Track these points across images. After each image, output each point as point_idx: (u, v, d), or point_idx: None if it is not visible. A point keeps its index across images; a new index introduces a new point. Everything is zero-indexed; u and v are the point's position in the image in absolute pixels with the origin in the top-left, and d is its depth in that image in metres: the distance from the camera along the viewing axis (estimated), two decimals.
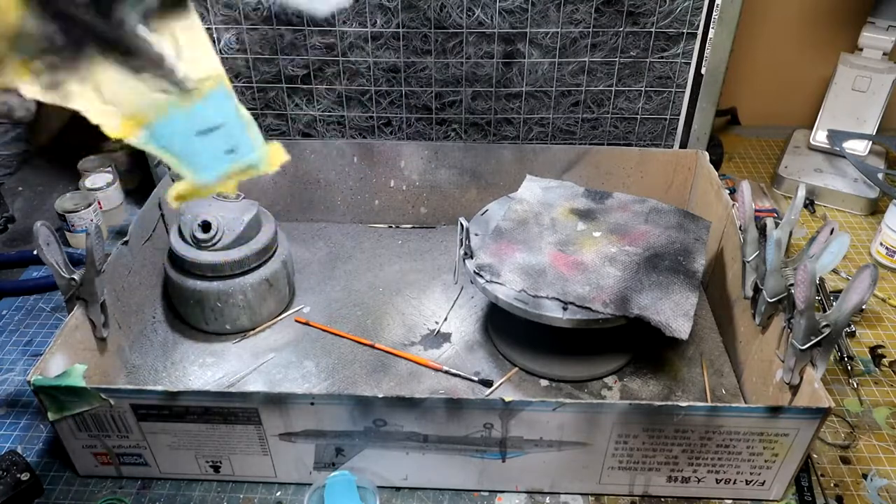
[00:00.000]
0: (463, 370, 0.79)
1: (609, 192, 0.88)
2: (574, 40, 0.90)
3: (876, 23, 1.08)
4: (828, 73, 1.14)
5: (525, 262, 0.76)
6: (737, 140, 1.26)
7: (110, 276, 0.74)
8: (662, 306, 0.70)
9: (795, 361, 0.63)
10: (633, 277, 0.74)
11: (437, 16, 0.88)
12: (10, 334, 0.86)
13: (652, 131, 0.98)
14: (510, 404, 0.60)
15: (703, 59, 0.91)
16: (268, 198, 0.99)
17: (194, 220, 0.79)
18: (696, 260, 0.77)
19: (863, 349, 0.84)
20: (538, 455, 0.65)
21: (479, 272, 0.74)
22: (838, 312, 0.60)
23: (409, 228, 1.02)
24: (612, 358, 0.80)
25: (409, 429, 0.63)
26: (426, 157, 0.97)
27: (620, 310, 0.70)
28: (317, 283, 0.92)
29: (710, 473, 0.66)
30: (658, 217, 0.83)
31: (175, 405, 0.63)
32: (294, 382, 0.78)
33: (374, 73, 0.93)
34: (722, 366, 0.80)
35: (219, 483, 0.69)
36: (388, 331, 0.85)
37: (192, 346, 0.82)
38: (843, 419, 0.76)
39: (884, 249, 0.96)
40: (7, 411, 0.76)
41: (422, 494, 0.68)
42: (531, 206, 0.84)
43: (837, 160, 1.12)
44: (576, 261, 0.76)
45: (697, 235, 0.80)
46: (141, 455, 0.67)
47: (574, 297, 0.71)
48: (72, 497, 0.68)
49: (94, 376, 0.70)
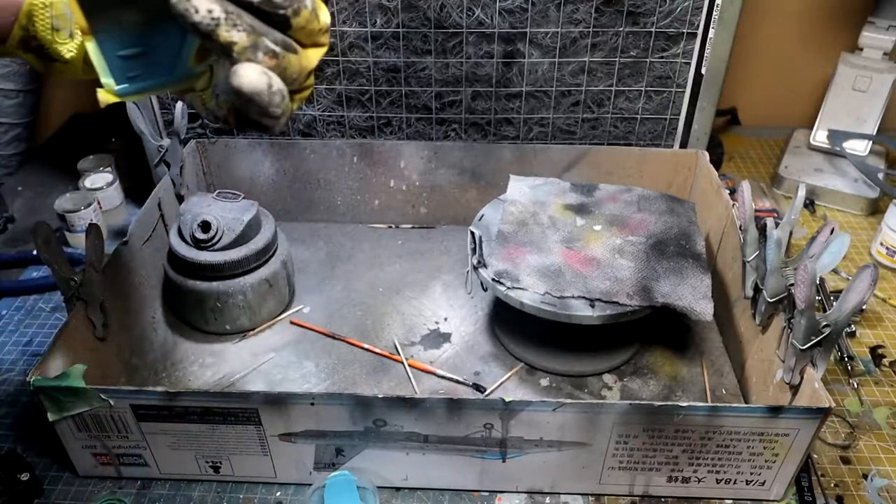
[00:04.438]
0: (463, 370, 0.79)
1: (594, 184, 0.89)
2: (574, 40, 0.90)
3: (876, 23, 1.08)
4: (828, 73, 1.14)
5: (539, 264, 0.76)
6: (737, 140, 1.26)
7: (110, 276, 0.74)
8: (682, 291, 0.72)
9: (795, 361, 0.63)
10: (646, 266, 0.75)
11: (437, 16, 0.88)
12: (10, 334, 0.86)
13: (652, 131, 0.98)
14: (510, 404, 0.60)
15: (703, 59, 0.90)
16: (268, 198, 0.99)
17: (194, 220, 0.79)
18: (696, 242, 0.78)
19: (863, 349, 0.84)
20: (538, 455, 0.65)
21: (499, 279, 0.74)
22: (838, 312, 0.60)
23: (409, 228, 1.02)
24: (623, 349, 0.80)
25: (409, 429, 0.63)
26: (426, 157, 0.97)
27: (646, 300, 0.71)
28: (317, 283, 0.92)
29: (711, 473, 0.66)
30: (648, 204, 0.85)
31: (175, 405, 0.63)
32: (294, 383, 0.78)
33: (374, 73, 0.93)
34: (722, 366, 0.80)
35: (219, 483, 0.69)
36: (388, 331, 0.85)
37: (192, 347, 0.82)
38: (844, 419, 0.76)
39: (884, 249, 0.96)
40: (7, 411, 0.76)
41: (422, 494, 0.68)
42: (525, 207, 0.84)
43: (837, 160, 1.12)
44: (587, 256, 0.76)
45: (689, 218, 0.83)
46: (141, 455, 0.67)
47: (599, 293, 0.72)
48: (71, 497, 0.68)
49: (94, 377, 0.70)
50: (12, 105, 1.15)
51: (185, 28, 0.38)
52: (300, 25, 0.41)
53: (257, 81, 0.39)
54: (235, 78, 0.39)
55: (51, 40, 0.44)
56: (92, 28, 0.41)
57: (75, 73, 0.46)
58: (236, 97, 0.39)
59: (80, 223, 0.97)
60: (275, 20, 0.40)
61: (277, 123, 0.41)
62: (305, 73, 0.43)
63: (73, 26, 0.43)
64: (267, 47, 0.39)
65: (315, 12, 0.41)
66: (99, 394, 0.62)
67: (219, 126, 0.98)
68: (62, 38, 0.44)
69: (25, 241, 1.01)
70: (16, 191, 1.13)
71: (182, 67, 0.45)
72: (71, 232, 0.98)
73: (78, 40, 0.44)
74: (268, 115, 0.40)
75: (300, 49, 0.42)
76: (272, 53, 0.40)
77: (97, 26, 0.41)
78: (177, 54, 0.44)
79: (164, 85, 0.45)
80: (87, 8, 0.40)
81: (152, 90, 0.45)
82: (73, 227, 0.97)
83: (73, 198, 0.98)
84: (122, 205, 1.06)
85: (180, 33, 0.43)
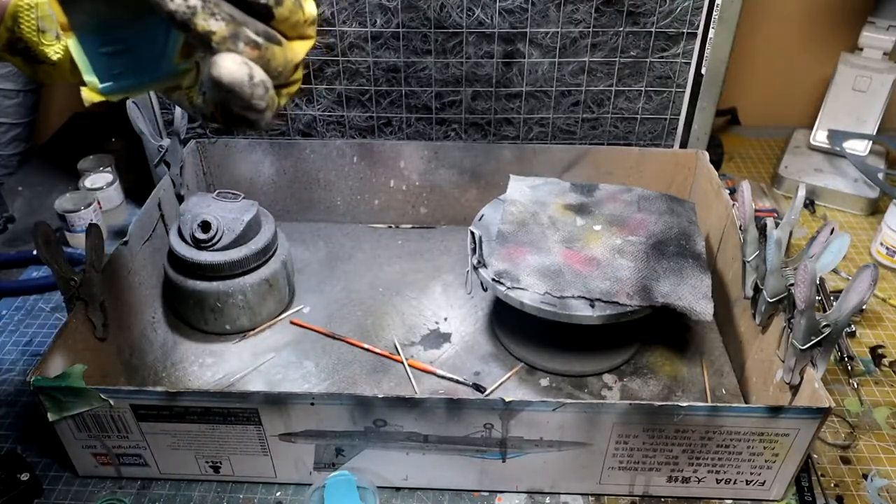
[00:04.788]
0: (463, 370, 0.79)
1: (594, 184, 0.89)
2: (574, 40, 0.90)
3: (876, 23, 1.08)
4: (828, 73, 1.14)
5: (539, 264, 0.76)
6: (737, 140, 1.26)
7: (110, 277, 0.74)
8: (682, 291, 0.72)
9: (795, 361, 0.63)
10: (646, 266, 0.75)
11: (437, 16, 0.88)
12: (10, 334, 0.86)
13: (652, 131, 0.98)
14: (510, 404, 0.60)
15: (703, 58, 0.90)
16: (268, 198, 0.99)
17: (194, 220, 0.79)
18: (696, 242, 0.78)
19: (863, 349, 0.84)
20: (538, 455, 0.65)
21: (499, 279, 0.74)
22: (838, 312, 0.60)
23: (409, 228, 1.02)
24: (623, 349, 0.80)
25: (409, 429, 0.63)
26: (426, 157, 0.97)
27: (646, 300, 0.71)
28: (317, 283, 0.92)
29: (711, 473, 0.66)
30: (648, 204, 0.85)
31: (175, 405, 0.63)
32: (294, 382, 0.78)
33: (374, 73, 0.93)
34: (722, 366, 0.80)
35: (219, 483, 0.69)
36: (388, 331, 0.85)
37: (191, 347, 0.82)
38: (844, 419, 0.76)
39: (884, 249, 0.96)
40: (7, 411, 0.76)
41: (422, 494, 0.68)
42: (525, 207, 0.84)
43: (837, 160, 1.12)
44: (587, 256, 0.76)
45: (689, 218, 0.83)
46: (140, 455, 0.67)
47: (599, 293, 0.72)
48: (71, 497, 0.68)
49: (94, 377, 0.70)
50: (12, 105, 1.15)
51: (163, 18, 0.37)
52: (283, 16, 0.40)
53: (237, 72, 0.37)
54: (214, 68, 0.37)
55: (37, 42, 0.44)
56: (71, 24, 0.40)
57: (63, 75, 0.45)
58: (217, 90, 0.38)
59: (80, 223, 0.97)
60: (256, 10, 0.39)
61: (262, 117, 0.40)
62: (292, 67, 0.42)
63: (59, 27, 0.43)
64: (248, 37, 0.38)
65: (299, 2, 0.40)
66: (99, 394, 0.62)
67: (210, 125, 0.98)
68: (48, 39, 0.44)
69: (25, 241, 1.01)
70: (16, 191, 1.13)
71: (167, 64, 0.43)
72: (71, 232, 0.98)
73: (65, 42, 0.43)
74: (251, 109, 0.39)
75: (285, 41, 0.40)
76: (254, 44, 0.38)
77: (76, 21, 0.41)
78: (161, 51, 0.43)
79: (149, 83, 0.44)
80: (65, 2, 0.40)
81: (138, 88, 0.44)
82: (73, 227, 0.97)
83: (73, 198, 0.98)
84: (122, 205, 1.06)
85: (164, 28, 0.42)
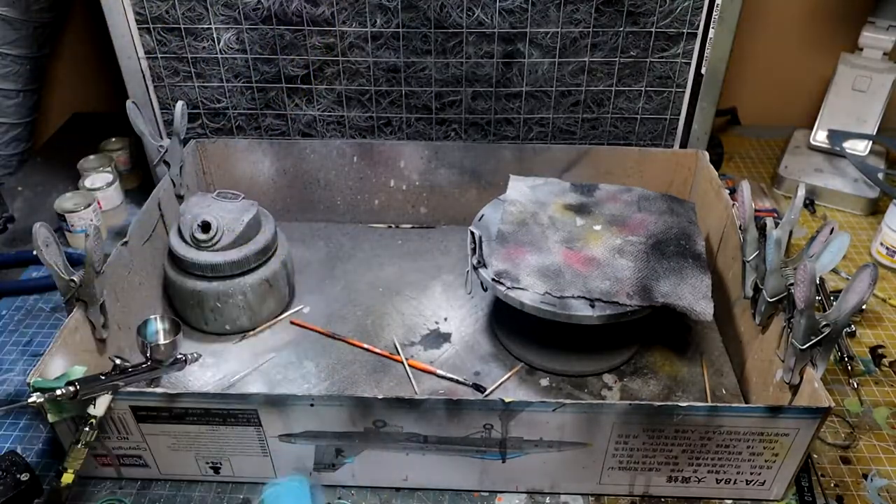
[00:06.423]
0: (463, 370, 0.79)
1: (594, 184, 0.89)
2: (574, 40, 0.90)
3: (876, 23, 1.08)
4: (828, 73, 1.14)
5: (539, 264, 0.76)
6: (737, 140, 1.26)
7: (110, 277, 0.74)
8: (682, 291, 0.72)
9: (795, 361, 0.63)
10: (646, 266, 0.75)
11: (437, 16, 0.88)
12: (10, 334, 0.86)
13: (652, 131, 0.98)
14: (510, 405, 0.60)
15: (703, 58, 0.90)
16: (268, 198, 0.99)
17: (194, 220, 0.79)
18: (696, 242, 0.78)
19: (863, 349, 0.84)
20: (538, 455, 0.65)
21: (499, 279, 0.74)
22: (838, 312, 0.60)
23: (409, 228, 1.02)
24: (623, 349, 0.80)
25: (408, 430, 0.63)
26: (426, 157, 0.97)
27: (646, 300, 0.71)
28: (317, 283, 0.92)
29: (711, 473, 0.66)
30: (648, 204, 0.85)
31: (174, 407, 0.63)
32: (294, 383, 0.78)
33: (374, 73, 0.93)
34: (722, 366, 0.80)
35: (219, 484, 0.69)
36: (387, 331, 0.85)
37: (192, 347, 0.82)
38: (844, 419, 0.76)
39: (884, 249, 0.96)
40: (7, 411, 0.76)
41: (422, 495, 0.68)
42: (525, 207, 0.84)
43: (837, 160, 1.12)
44: (587, 256, 0.76)
45: (689, 218, 0.83)
46: (141, 456, 0.67)
47: (599, 293, 0.72)
48: (72, 498, 0.67)
49: None
50: (12, 105, 1.15)
51: None
52: None
53: None
54: None
55: None
56: None
57: None
58: None
59: (80, 223, 0.97)
60: None
61: None
62: None
63: None
64: None
65: None
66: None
67: (219, 126, 0.98)
68: None
69: (25, 241, 1.01)
70: (16, 191, 1.13)
71: None
72: (70, 232, 0.98)
73: None
74: None
75: None
76: None
77: None
78: None
79: None
80: None
81: None
82: (73, 227, 0.97)
83: (72, 198, 0.98)
84: (121, 205, 1.06)
85: None
